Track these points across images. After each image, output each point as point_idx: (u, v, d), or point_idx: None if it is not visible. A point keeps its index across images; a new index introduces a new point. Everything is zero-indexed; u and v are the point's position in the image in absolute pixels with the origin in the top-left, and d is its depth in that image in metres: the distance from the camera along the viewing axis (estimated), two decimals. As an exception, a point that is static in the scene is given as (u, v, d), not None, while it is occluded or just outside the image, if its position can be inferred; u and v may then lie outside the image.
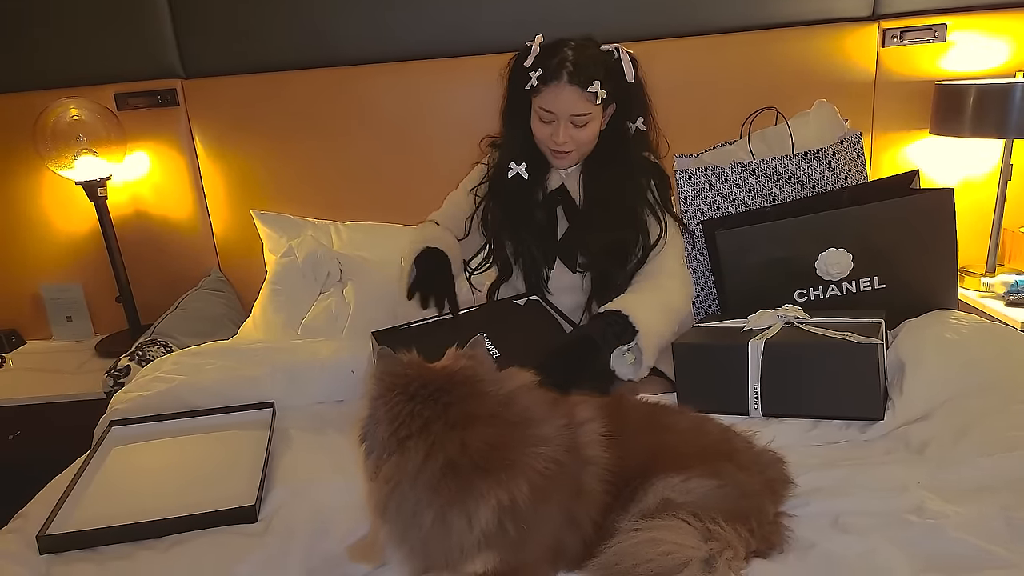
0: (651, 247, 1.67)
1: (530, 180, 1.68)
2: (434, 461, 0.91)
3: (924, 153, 2.28)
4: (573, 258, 1.69)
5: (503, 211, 1.72)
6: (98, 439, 1.47)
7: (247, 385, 1.61)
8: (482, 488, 0.90)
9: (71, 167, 2.18)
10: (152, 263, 2.42)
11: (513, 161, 1.68)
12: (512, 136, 1.70)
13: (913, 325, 1.54)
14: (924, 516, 1.06)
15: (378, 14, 2.27)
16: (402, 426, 0.93)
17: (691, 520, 0.97)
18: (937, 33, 2.19)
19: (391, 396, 0.95)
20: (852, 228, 1.63)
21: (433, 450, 0.91)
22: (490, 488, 0.90)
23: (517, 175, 1.68)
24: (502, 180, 1.70)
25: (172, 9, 2.28)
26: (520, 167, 1.67)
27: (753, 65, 2.23)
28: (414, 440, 0.92)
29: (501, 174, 1.70)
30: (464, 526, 0.90)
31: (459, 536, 0.91)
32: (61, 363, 2.28)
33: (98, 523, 1.16)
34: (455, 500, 0.90)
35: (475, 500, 0.90)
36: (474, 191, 1.77)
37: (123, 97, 2.31)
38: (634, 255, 1.68)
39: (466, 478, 0.90)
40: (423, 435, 0.92)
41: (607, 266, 1.67)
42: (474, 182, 1.78)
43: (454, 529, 0.91)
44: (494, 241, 1.76)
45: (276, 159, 2.37)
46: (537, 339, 1.53)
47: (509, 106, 1.69)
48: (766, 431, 1.28)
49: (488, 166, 1.77)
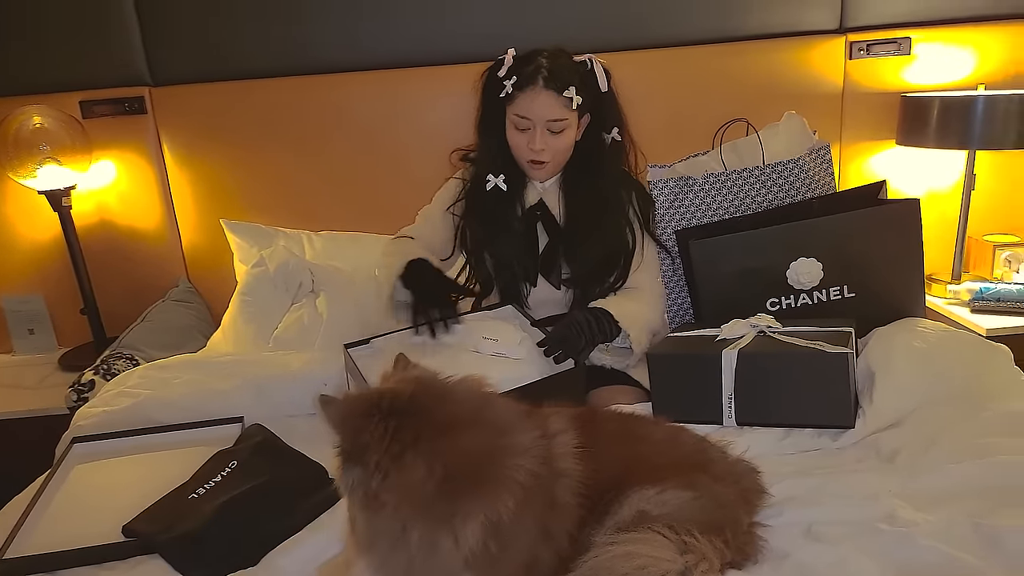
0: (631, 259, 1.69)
1: (509, 193, 1.67)
2: (434, 472, 0.87)
3: (891, 163, 2.32)
4: (556, 274, 1.69)
5: (482, 225, 1.70)
6: (60, 457, 1.43)
7: (216, 399, 1.58)
8: (471, 506, 0.88)
9: (34, 176, 2.13)
10: (118, 273, 2.37)
11: (491, 173, 1.66)
12: (488, 148, 1.68)
13: (882, 333, 1.56)
14: (895, 524, 1.07)
15: (349, 23, 2.26)
16: (393, 442, 0.88)
17: (667, 532, 0.96)
18: (902, 46, 2.23)
19: (367, 422, 0.89)
20: (822, 238, 1.65)
21: (431, 460, 0.87)
22: (478, 505, 0.88)
23: (495, 188, 1.66)
24: (480, 193, 1.68)
25: (140, 16, 2.25)
26: (498, 179, 1.66)
27: (724, 77, 2.26)
28: (410, 453, 0.87)
29: (479, 187, 1.68)
30: (451, 546, 0.88)
31: (446, 557, 0.88)
32: (22, 377, 2.22)
33: (59, 545, 1.12)
34: (444, 519, 0.88)
35: (462, 518, 0.88)
36: (451, 210, 1.74)
37: (89, 105, 2.26)
38: (619, 269, 1.68)
39: (458, 492, 0.88)
40: (418, 446, 0.88)
41: (592, 281, 1.67)
42: (449, 199, 1.75)
43: (441, 550, 0.88)
44: (474, 257, 1.73)
45: (247, 168, 2.34)
46: None
47: (483, 118, 1.68)
48: (740, 440, 1.29)
49: (464, 180, 1.75)
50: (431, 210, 1.79)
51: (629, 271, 1.69)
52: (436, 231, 1.75)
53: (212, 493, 1.22)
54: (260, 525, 1.14)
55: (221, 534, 1.11)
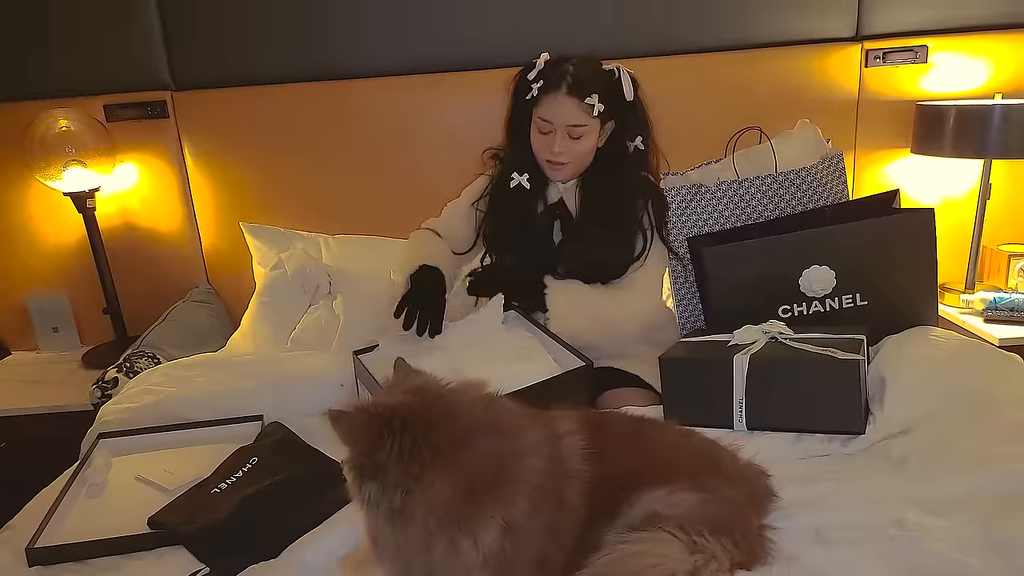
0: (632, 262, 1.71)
1: (531, 191, 1.72)
2: (458, 488, 0.89)
3: (905, 172, 2.32)
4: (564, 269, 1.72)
5: (504, 221, 1.75)
6: (86, 451, 1.46)
7: (236, 398, 1.61)
8: (489, 509, 0.90)
9: (59, 178, 2.18)
10: (140, 275, 2.41)
11: (515, 172, 1.71)
12: (515, 147, 1.74)
13: (894, 341, 1.56)
14: (905, 529, 1.08)
15: (367, 30, 2.29)
16: (412, 463, 0.88)
17: (677, 533, 0.98)
18: (918, 54, 2.24)
19: (381, 441, 0.89)
20: (835, 247, 1.66)
21: (454, 475, 0.89)
22: (496, 508, 0.90)
23: (519, 186, 1.71)
24: (504, 191, 1.74)
25: (163, 22, 2.30)
26: (522, 177, 1.71)
27: (738, 85, 2.27)
28: (431, 472, 0.89)
29: (503, 185, 1.74)
30: (471, 549, 0.90)
31: (465, 560, 0.90)
32: (47, 374, 2.27)
33: (87, 535, 1.16)
34: (466, 525, 0.90)
35: (481, 522, 0.90)
36: (476, 205, 1.80)
37: (113, 108, 2.31)
38: (617, 271, 1.71)
39: (478, 499, 0.90)
40: (437, 463, 0.89)
41: (585, 279, 1.70)
42: (475, 194, 1.81)
43: (462, 554, 0.90)
44: (495, 253, 1.79)
45: (265, 172, 2.38)
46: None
47: (513, 118, 1.74)
48: (751, 444, 1.30)
49: (491, 177, 1.80)
50: (457, 204, 1.85)
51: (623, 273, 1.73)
52: (459, 224, 1.81)
53: (234, 488, 1.25)
54: (281, 519, 1.17)
55: (243, 527, 1.14)
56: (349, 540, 1.12)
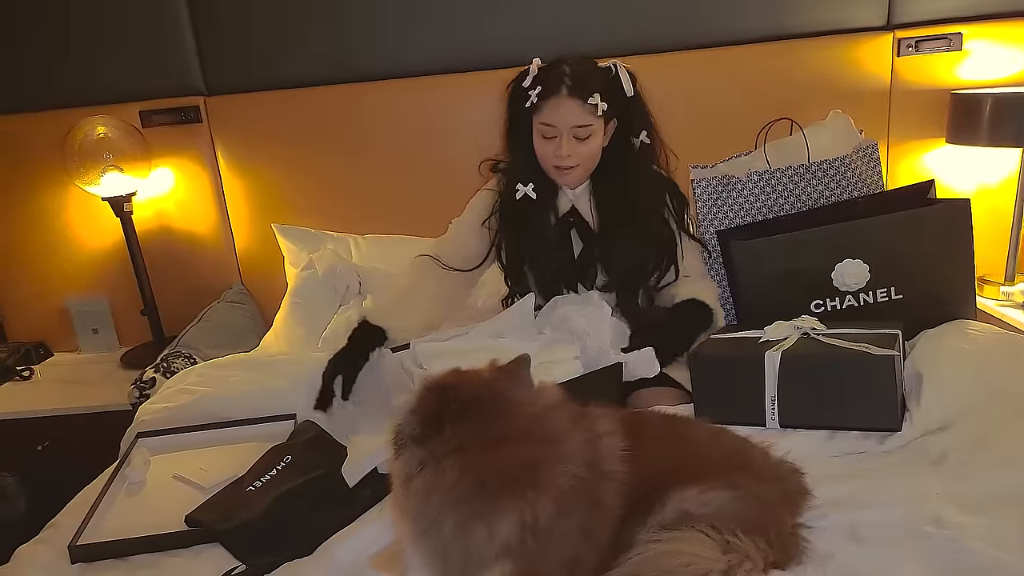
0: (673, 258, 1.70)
1: (540, 201, 1.69)
2: (466, 480, 0.92)
3: (941, 162, 2.27)
4: (592, 280, 1.71)
5: (518, 236, 1.72)
6: (125, 450, 1.50)
7: (270, 397, 1.63)
8: (507, 504, 0.91)
9: (97, 183, 2.23)
10: (176, 277, 2.46)
11: (520, 183, 1.69)
12: (516, 158, 1.71)
13: (930, 335, 1.53)
14: (942, 527, 1.06)
15: (392, 31, 2.31)
16: (438, 445, 0.93)
17: (710, 532, 0.98)
18: (952, 42, 2.19)
19: (428, 411, 0.96)
20: (869, 239, 1.63)
21: (467, 470, 0.92)
22: (515, 504, 0.91)
23: (526, 197, 1.69)
24: (512, 204, 1.71)
25: (195, 29, 2.34)
26: (527, 188, 1.68)
27: (768, 76, 2.24)
28: (449, 461, 0.92)
29: (510, 198, 1.71)
30: (485, 536, 0.92)
31: (479, 546, 0.92)
32: (88, 375, 2.33)
33: (127, 532, 1.19)
34: (479, 513, 0.92)
35: (498, 514, 0.91)
36: (486, 224, 1.76)
37: (148, 114, 2.36)
38: (656, 268, 1.70)
39: (493, 494, 0.92)
40: (458, 455, 0.92)
41: (629, 285, 1.69)
42: (483, 211, 1.77)
43: (475, 538, 0.92)
44: (513, 270, 1.76)
45: (296, 174, 2.41)
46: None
47: (511, 129, 1.71)
48: (783, 442, 1.28)
49: (496, 192, 1.77)
50: (462, 221, 1.82)
51: (671, 267, 1.71)
52: (466, 243, 1.77)
53: (268, 486, 1.27)
54: (314, 516, 1.19)
55: (277, 524, 1.16)
56: (381, 537, 1.13)
